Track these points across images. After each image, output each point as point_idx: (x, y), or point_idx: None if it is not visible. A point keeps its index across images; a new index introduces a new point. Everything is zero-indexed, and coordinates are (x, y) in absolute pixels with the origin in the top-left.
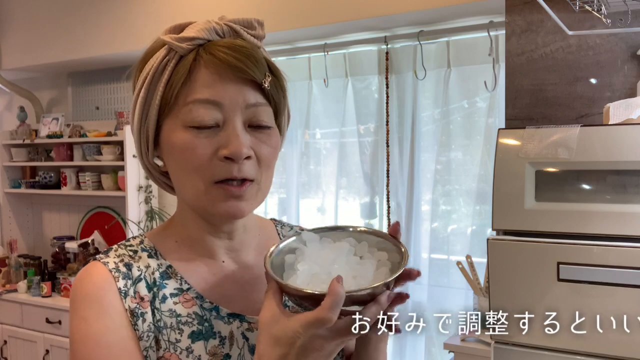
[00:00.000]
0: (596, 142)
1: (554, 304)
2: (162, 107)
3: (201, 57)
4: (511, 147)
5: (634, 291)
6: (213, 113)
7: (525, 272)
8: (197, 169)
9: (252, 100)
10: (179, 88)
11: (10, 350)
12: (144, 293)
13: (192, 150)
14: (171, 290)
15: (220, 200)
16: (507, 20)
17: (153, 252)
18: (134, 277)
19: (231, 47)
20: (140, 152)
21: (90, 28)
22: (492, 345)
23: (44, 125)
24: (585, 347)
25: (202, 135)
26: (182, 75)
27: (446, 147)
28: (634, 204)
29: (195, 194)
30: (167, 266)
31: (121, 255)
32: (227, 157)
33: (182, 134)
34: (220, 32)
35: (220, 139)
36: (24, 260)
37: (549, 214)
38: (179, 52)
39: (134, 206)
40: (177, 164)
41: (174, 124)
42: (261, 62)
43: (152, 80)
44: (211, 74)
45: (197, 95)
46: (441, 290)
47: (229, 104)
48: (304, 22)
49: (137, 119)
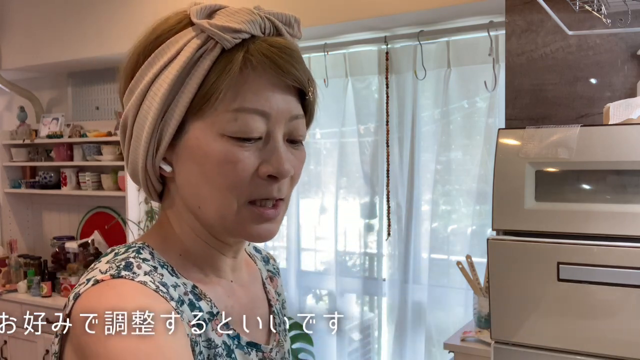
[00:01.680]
0: (596, 142)
1: (554, 304)
2: (192, 105)
3: (252, 56)
4: (511, 147)
5: (634, 291)
6: (260, 125)
7: (525, 272)
8: (234, 186)
9: (295, 112)
10: (225, 91)
11: (10, 350)
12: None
13: (232, 165)
14: (206, 315)
15: (253, 222)
16: (507, 20)
17: (170, 269)
18: (176, 299)
19: (282, 48)
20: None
21: (90, 28)
22: (492, 345)
23: (44, 125)
24: (585, 347)
25: (245, 149)
26: (231, 75)
27: (446, 147)
28: (634, 204)
29: (224, 213)
30: (192, 286)
31: (148, 272)
32: (270, 175)
33: (219, 143)
34: (263, 28)
35: (262, 154)
36: (24, 260)
37: (549, 214)
38: (220, 44)
39: (134, 206)
40: (206, 177)
41: (208, 129)
42: (306, 68)
43: (183, 70)
44: (263, 80)
45: (246, 103)
46: (441, 290)
47: (275, 115)
48: (304, 22)
49: (154, 113)
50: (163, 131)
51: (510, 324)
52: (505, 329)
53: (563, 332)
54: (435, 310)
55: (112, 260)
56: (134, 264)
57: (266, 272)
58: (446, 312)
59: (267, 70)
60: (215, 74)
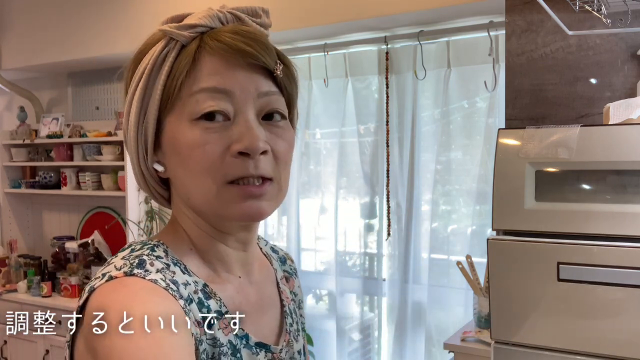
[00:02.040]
0: (596, 142)
1: (554, 304)
2: (163, 102)
3: (206, 43)
4: (511, 147)
5: (634, 291)
6: (223, 103)
7: (525, 272)
8: (207, 169)
9: (265, 89)
10: (183, 78)
11: (10, 350)
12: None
13: (201, 148)
14: (213, 314)
15: (236, 202)
16: (507, 20)
17: (182, 266)
18: (185, 297)
19: (238, 32)
20: (137, 157)
21: (90, 28)
22: (492, 345)
23: (44, 125)
24: (585, 347)
25: (211, 131)
26: (186, 64)
27: (446, 147)
28: (634, 204)
29: (206, 197)
30: (202, 284)
31: (160, 270)
32: (241, 152)
33: (188, 130)
34: (224, 20)
35: (232, 134)
36: (24, 260)
37: (549, 214)
38: (180, 41)
39: (134, 206)
40: (183, 165)
41: (178, 119)
42: (271, 48)
43: (151, 73)
44: (218, 61)
45: (203, 84)
46: (441, 290)
47: (239, 93)
48: (304, 22)
49: (134, 119)
50: (146, 133)
51: (510, 324)
52: (505, 329)
53: (563, 332)
54: (435, 310)
55: (127, 257)
56: (147, 261)
57: (282, 272)
58: (446, 312)
59: (222, 52)
60: (176, 66)
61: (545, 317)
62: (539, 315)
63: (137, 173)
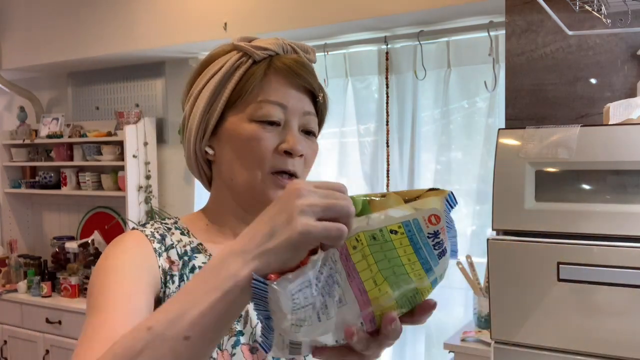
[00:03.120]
0: (596, 142)
1: (554, 304)
2: (230, 101)
3: (274, 64)
4: (511, 147)
5: (634, 291)
6: (279, 114)
7: (525, 272)
8: (259, 159)
9: (308, 109)
10: (253, 88)
11: (10, 350)
12: (174, 258)
13: (257, 141)
14: (199, 263)
15: (272, 188)
16: (507, 20)
17: (185, 231)
18: (167, 245)
19: (297, 60)
20: (195, 139)
21: (90, 28)
22: (492, 345)
23: (44, 125)
24: (585, 347)
25: (267, 131)
26: (258, 77)
27: (446, 147)
28: (634, 204)
29: (251, 180)
30: (197, 243)
31: (157, 228)
32: (286, 151)
33: (248, 126)
34: (286, 49)
35: (282, 136)
36: (24, 260)
37: (549, 214)
38: (253, 57)
39: (134, 206)
40: (238, 153)
41: (240, 117)
42: (317, 79)
43: (224, 77)
44: (281, 79)
45: (269, 96)
46: (441, 290)
47: (291, 108)
48: (304, 22)
49: (202, 109)
50: (208, 122)
51: (510, 324)
52: (505, 329)
53: (563, 332)
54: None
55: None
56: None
57: None
58: (446, 312)
59: (284, 74)
60: (246, 77)
61: (545, 317)
62: (539, 315)
63: (190, 154)
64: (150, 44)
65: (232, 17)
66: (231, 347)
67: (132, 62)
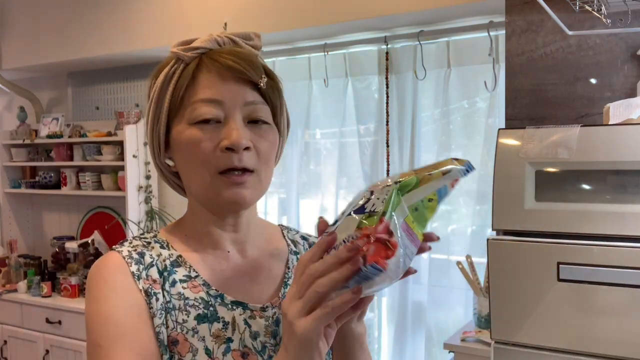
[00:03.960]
0: (596, 142)
1: (554, 304)
2: (170, 111)
3: (203, 62)
4: (511, 147)
5: (634, 291)
6: (214, 110)
7: (525, 272)
8: (202, 162)
9: (250, 99)
10: (184, 91)
11: (10, 350)
12: (155, 276)
13: (197, 144)
14: (180, 277)
15: (224, 189)
16: (507, 20)
17: (165, 244)
18: (146, 263)
19: (230, 52)
20: (154, 154)
21: (90, 28)
22: (492, 345)
23: (44, 125)
24: (585, 347)
25: (205, 131)
26: (186, 79)
27: (446, 147)
28: (634, 204)
29: (202, 185)
30: (177, 256)
31: (135, 245)
32: (228, 147)
33: (188, 131)
34: (221, 42)
35: (222, 133)
36: (24, 260)
37: (549, 214)
38: (184, 61)
39: (134, 206)
40: (185, 159)
41: (181, 124)
42: (257, 65)
43: (162, 87)
44: (212, 76)
45: (200, 95)
46: (441, 290)
47: (228, 102)
48: (304, 22)
49: (150, 124)
50: (159, 136)
51: (510, 324)
52: (505, 329)
53: (563, 332)
54: (435, 310)
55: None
56: (128, 240)
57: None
58: (446, 312)
59: (217, 68)
60: (180, 81)
61: (545, 317)
62: (539, 315)
63: (157, 168)
64: (150, 44)
65: (232, 17)
66: (222, 354)
67: (132, 62)
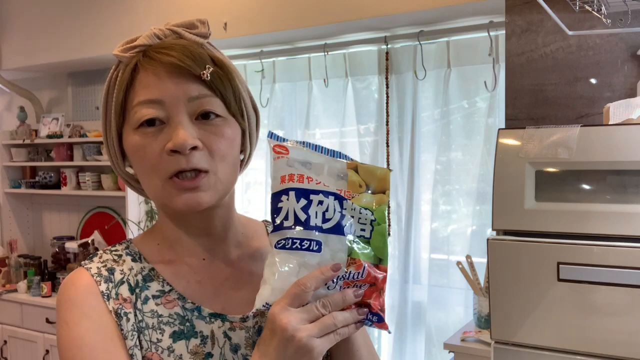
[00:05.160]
0: (596, 142)
1: (554, 304)
2: (117, 116)
3: (139, 61)
4: (511, 147)
5: (634, 291)
6: (155, 111)
7: (525, 272)
8: (151, 168)
9: (194, 93)
10: (124, 95)
11: (10, 350)
12: (126, 295)
13: (143, 150)
14: (153, 292)
15: (176, 194)
16: (507, 20)
17: (137, 256)
18: (116, 281)
19: (167, 46)
20: (113, 164)
21: (90, 28)
22: (492, 345)
23: (44, 125)
24: (585, 347)
25: (149, 135)
26: (124, 81)
27: (446, 147)
28: (634, 204)
29: (155, 191)
30: (149, 269)
31: (105, 260)
32: (172, 150)
33: (133, 136)
34: (162, 36)
35: (166, 135)
36: (24, 260)
37: (549, 214)
38: (124, 62)
39: (134, 206)
40: (136, 167)
41: (128, 129)
42: (198, 55)
43: (107, 93)
44: (149, 75)
45: (139, 97)
46: (441, 290)
47: (170, 100)
48: (304, 22)
49: (103, 132)
50: (113, 144)
51: (510, 324)
52: (505, 329)
53: (563, 332)
54: (435, 310)
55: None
56: (98, 255)
57: None
58: (446, 312)
59: (151, 67)
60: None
61: (545, 317)
62: (539, 315)
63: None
64: None
65: (232, 17)
66: None
67: None
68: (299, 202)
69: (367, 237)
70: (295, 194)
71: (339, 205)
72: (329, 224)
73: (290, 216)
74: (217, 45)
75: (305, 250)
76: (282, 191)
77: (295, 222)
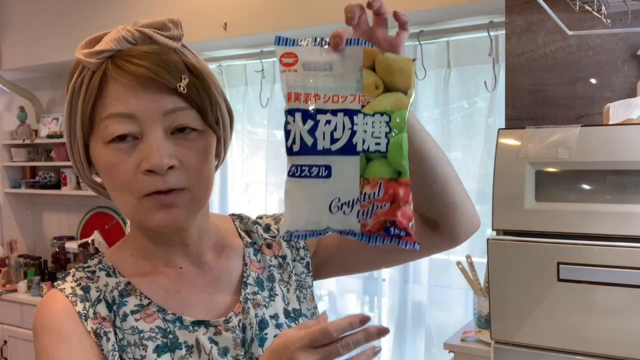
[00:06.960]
0: (596, 142)
1: (554, 304)
2: (84, 126)
3: (108, 71)
4: (511, 147)
5: (634, 291)
6: (128, 127)
7: (525, 272)
8: (124, 186)
9: (170, 107)
10: (92, 105)
11: (10, 350)
12: (105, 313)
13: (115, 168)
14: (132, 308)
15: (152, 212)
16: (507, 20)
17: (111, 270)
18: (92, 299)
19: (139, 55)
20: (79, 171)
21: (90, 28)
22: (492, 345)
23: (44, 125)
24: (585, 347)
25: (122, 151)
26: (93, 91)
27: (446, 147)
28: (634, 204)
29: (129, 209)
30: (125, 283)
31: (78, 279)
32: (148, 170)
33: (103, 151)
34: (132, 40)
35: (141, 152)
36: (24, 260)
37: (549, 214)
38: (90, 68)
39: None
40: (107, 182)
41: (96, 142)
42: (174, 65)
43: (72, 99)
44: (120, 87)
45: (109, 110)
46: (441, 290)
47: (143, 115)
48: (304, 22)
49: (67, 139)
50: (79, 153)
51: (510, 324)
52: (505, 329)
53: (563, 332)
54: (435, 310)
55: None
56: (71, 273)
57: (262, 241)
58: (446, 312)
59: (125, 77)
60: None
61: (545, 317)
62: (539, 315)
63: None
64: None
65: (232, 17)
66: None
67: None
68: (305, 124)
69: (382, 151)
70: (301, 115)
71: (350, 121)
72: (337, 144)
73: (297, 140)
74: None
75: (315, 177)
76: (289, 111)
77: (301, 147)
